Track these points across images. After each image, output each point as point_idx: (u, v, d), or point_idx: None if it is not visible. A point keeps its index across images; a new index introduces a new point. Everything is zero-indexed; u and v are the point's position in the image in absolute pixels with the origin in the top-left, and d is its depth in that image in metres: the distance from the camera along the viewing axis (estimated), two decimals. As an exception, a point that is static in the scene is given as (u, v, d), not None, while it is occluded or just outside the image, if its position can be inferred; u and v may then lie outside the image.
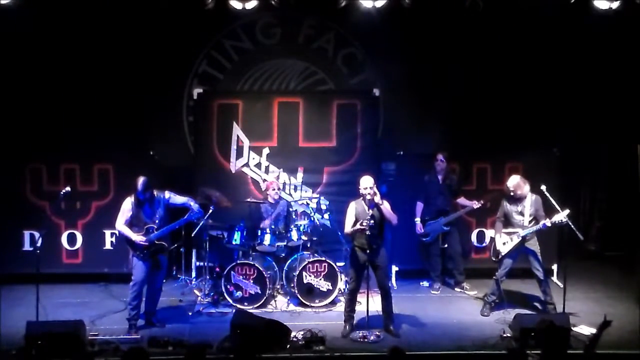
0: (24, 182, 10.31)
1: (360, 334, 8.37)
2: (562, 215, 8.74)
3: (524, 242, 8.98)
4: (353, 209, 8.52)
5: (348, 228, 8.50)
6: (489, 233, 10.41)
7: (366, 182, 8.43)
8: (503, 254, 9.02)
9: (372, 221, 8.31)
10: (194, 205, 8.74)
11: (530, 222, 8.99)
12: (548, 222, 8.81)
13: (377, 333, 8.38)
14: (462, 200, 10.21)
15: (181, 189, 9.26)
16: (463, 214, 10.25)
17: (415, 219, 10.12)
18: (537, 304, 9.40)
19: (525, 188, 9.01)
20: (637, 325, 8.21)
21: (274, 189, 9.98)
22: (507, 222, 9.10)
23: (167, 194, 8.65)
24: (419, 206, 10.14)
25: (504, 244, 9.03)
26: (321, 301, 9.37)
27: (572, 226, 8.76)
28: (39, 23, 10.37)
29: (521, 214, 9.02)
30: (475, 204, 10.03)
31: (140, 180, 8.43)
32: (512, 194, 9.02)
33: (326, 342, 8.06)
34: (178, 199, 8.73)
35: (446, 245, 10.21)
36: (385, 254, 8.61)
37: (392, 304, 8.61)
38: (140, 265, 8.50)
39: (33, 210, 10.23)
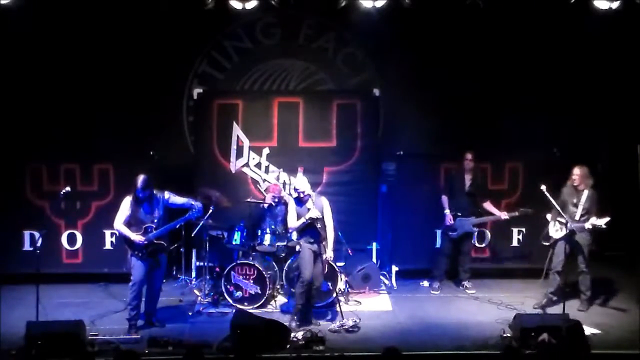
0: (24, 182, 10.32)
1: (338, 323, 8.66)
2: (602, 221, 8.91)
3: (572, 234, 9.06)
4: (293, 205, 8.76)
5: (294, 223, 8.71)
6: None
7: (305, 186, 8.74)
8: (553, 241, 9.20)
9: (319, 215, 8.65)
10: (195, 204, 8.72)
11: (582, 215, 9.10)
12: (589, 225, 8.98)
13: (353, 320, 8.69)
14: (488, 205, 10.20)
15: (181, 189, 9.25)
16: (492, 219, 10.26)
17: (445, 211, 10.08)
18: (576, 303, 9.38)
19: (588, 182, 9.17)
20: (637, 325, 8.21)
21: (273, 193, 9.95)
22: (562, 209, 9.13)
23: (166, 194, 8.63)
24: (445, 199, 10.12)
25: (555, 231, 9.22)
26: (321, 301, 9.36)
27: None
28: (39, 23, 10.36)
29: (575, 205, 9.15)
30: (504, 215, 10.04)
31: (140, 177, 8.42)
32: (575, 183, 9.16)
33: (326, 342, 8.07)
34: (178, 200, 8.70)
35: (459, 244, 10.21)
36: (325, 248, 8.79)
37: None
38: (139, 265, 8.48)
39: (33, 210, 10.24)
